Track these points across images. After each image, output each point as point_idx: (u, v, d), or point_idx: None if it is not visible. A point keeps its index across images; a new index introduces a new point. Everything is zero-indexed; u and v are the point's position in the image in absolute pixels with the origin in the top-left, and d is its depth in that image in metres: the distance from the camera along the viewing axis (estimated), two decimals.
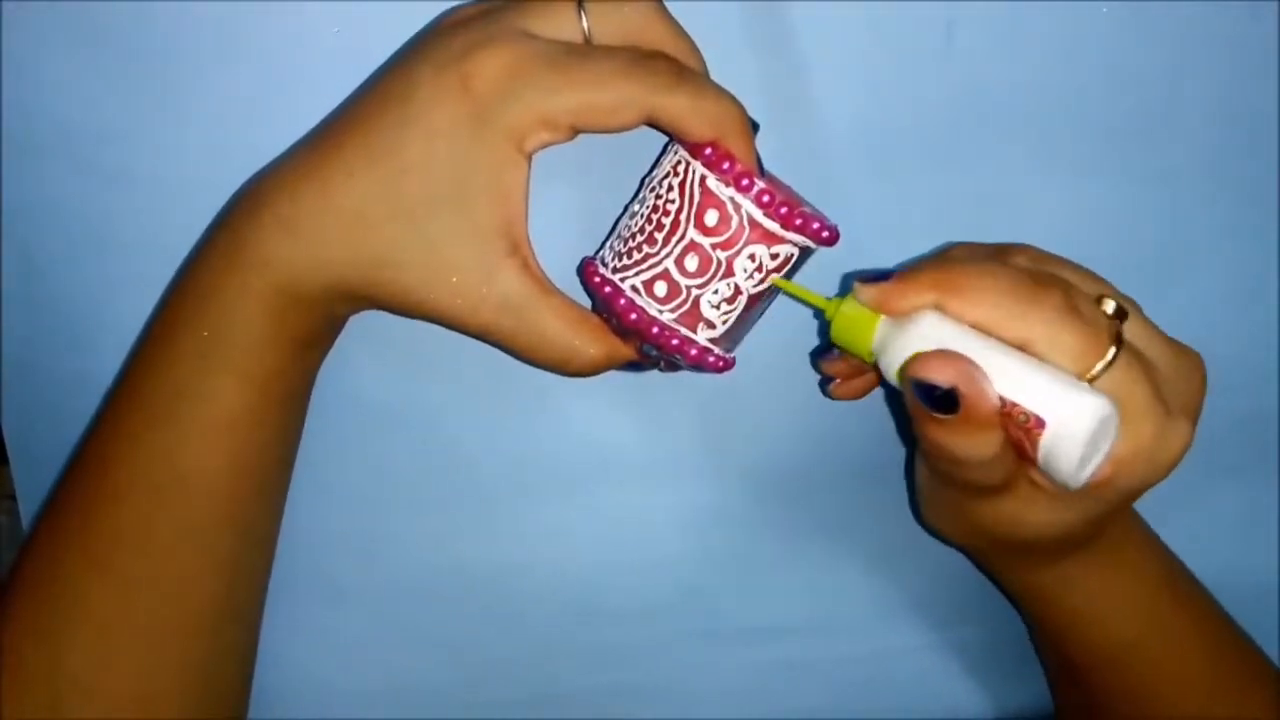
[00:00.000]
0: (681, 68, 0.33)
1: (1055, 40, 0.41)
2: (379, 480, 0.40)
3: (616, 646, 0.48)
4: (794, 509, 0.47)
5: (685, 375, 0.44)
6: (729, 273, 0.35)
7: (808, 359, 0.44)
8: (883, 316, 0.34)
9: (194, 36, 0.38)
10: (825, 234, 0.35)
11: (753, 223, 0.35)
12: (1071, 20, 0.40)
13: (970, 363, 0.31)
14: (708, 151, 0.34)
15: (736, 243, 0.35)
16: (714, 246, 0.35)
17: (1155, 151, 0.43)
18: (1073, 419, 0.31)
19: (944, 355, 0.31)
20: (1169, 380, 0.34)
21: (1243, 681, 0.42)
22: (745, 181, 0.34)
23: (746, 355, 0.43)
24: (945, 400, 0.31)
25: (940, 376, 0.31)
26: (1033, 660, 0.47)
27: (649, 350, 0.37)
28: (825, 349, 0.39)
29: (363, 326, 0.39)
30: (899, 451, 0.46)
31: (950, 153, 0.42)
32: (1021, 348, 0.32)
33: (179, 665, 0.37)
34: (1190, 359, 0.35)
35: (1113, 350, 0.32)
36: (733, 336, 0.37)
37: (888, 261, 0.42)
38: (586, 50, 0.33)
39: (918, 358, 0.32)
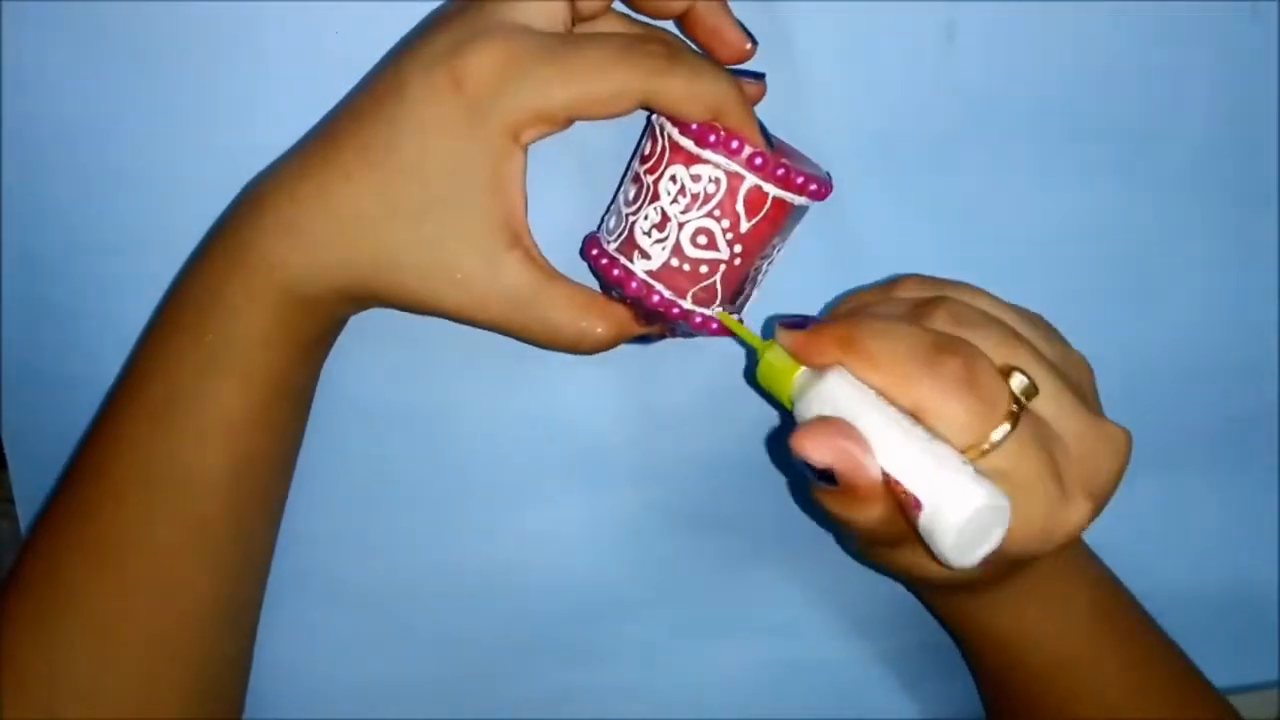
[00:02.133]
0: (675, 48, 0.33)
1: (1055, 40, 0.41)
2: (376, 479, 0.40)
3: (610, 646, 0.48)
4: (789, 510, 0.47)
5: (682, 371, 0.44)
6: (655, 196, 0.35)
7: None
8: (802, 367, 0.33)
9: (194, 36, 0.38)
10: (744, 151, 0.33)
11: (672, 144, 0.35)
12: (1071, 20, 0.40)
13: (849, 435, 0.31)
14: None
15: (660, 165, 0.35)
16: (646, 172, 0.35)
17: (1155, 152, 0.43)
18: (945, 505, 0.30)
19: (825, 431, 0.31)
20: (1077, 458, 0.33)
21: (1185, 713, 0.41)
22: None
23: (742, 356, 0.44)
24: (824, 475, 0.31)
25: (817, 456, 0.31)
26: None
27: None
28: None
29: (362, 326, 0.39)
30: None
31: (950, 153, 0.42)
32: (915, 415, 0.31)
33: (178, 666, 0.37)
34: (1110, 437, 0.34)
35: (1006, 427, 0.31)
36: (696, 280, 0.35)
37: (886, 264, 0.42)
38: (578, 39, 0.33)
39: (796, 433, 0.31)
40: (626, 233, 0.36)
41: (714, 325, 0.36)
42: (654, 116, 0.35)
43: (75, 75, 0.38)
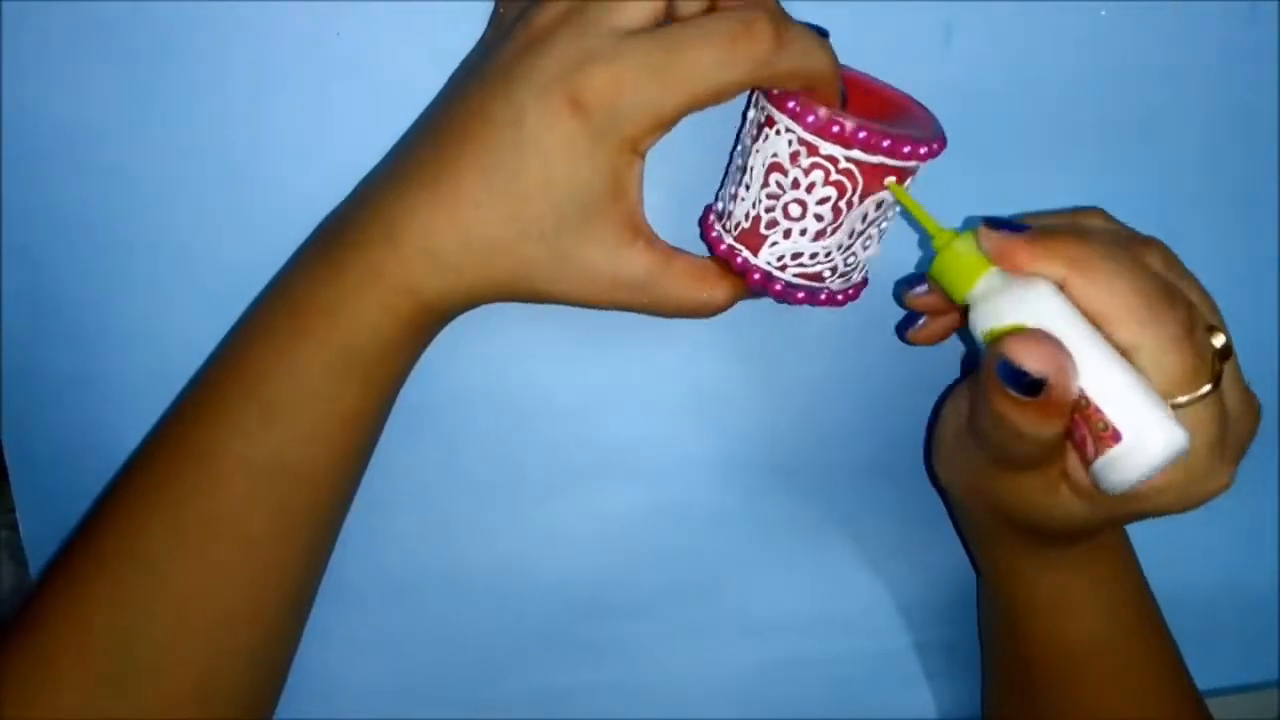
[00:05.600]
0: (778, 26, 0.33)
1: (1055, 41, 0.41)
2: (380, 478, 0.40)
3: (614, 643, 0.48)
4: (792, 506, 0.47)
5: (687, 370, 0.44)
6: (741, 154, 0.36)
7: (806, 358, 0.44)
8: (994, 267, 0.33)
9: (193, 36, 0.38)
10: (793, 106, 0.34)
11: (759, 107, 0.36)
12: (1071, 20, 0.41)
13: (1067, 355, 0.31)
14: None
15: (745, 126, 0.37)
16: (742, 136, 0.37)
17: (1155, 152, 0.43)
18: (1150, 445, 0.31)
19: (1044, 342, 0.31)
20: (1234, 428, 0.34)
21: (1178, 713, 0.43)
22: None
23: (745, 355, 0.44)
24: (1029, 385, 0.31)
25: (1037, 366, 0.31)
26: None
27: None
28: (913, 280, 0.39)
29: None
30: (896, 450, 0.46)
31: (949, 153, 0.42)
32: (1125, 352, 0.32)
33: (247, 649, 0.37)
34: (1253, 408, 0.35)
35: (1208, 387, 0.32)
36: (761, 239, 0.36)
37: (885, 262, 0.42)
38: (680, 39, 0.33)
39: (1017, 338, 0.31)
40: (722, 195, 0.37)
41: (721, 246, 0.37)
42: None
43: (75, 75, 0.38)
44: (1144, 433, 0.31)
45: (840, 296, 0.37)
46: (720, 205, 0.38)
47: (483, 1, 0.38)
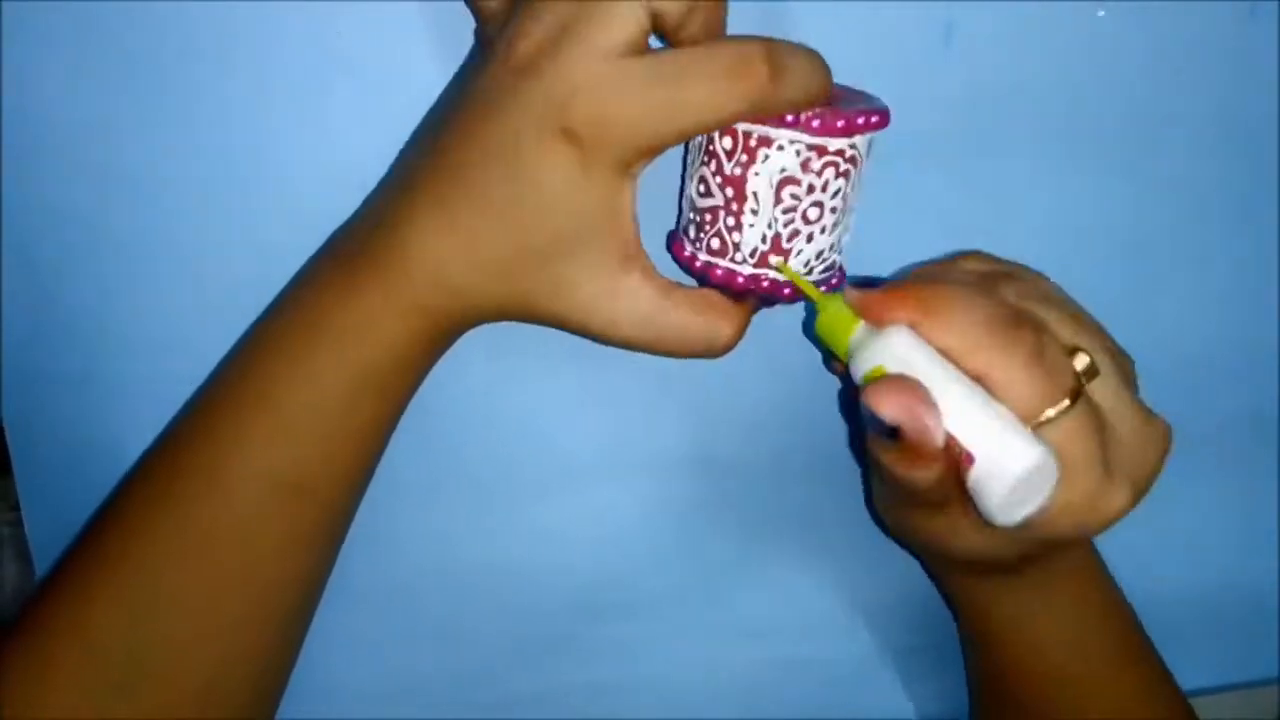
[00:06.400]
0: (774, 60, 0.33)
1: (1055, 41, 0.41)
2: (380, 478, 0.40)
3: (613, 643, 0.48)
4: (790, 508, 0.47)
5: (685, 369, 0.44)
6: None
7: (805, 358, 0.44)
8: (861, 322, 0.34)
9: (193, 36, 0.38)
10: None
11: None
12: (1071, 20, 0.40)
13: (922, 398, 0.31)
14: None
15: None
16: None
17: (1154, 152, 0.43)
18: (1000, 461, 0.31)
19: (898, 387, 0.32)
20: (1124, 445, 0.34)
21: None
22: None
23: (745, 355, 0.44)
24: (889, 430, 0.32)
25: (887, 411, 0.31)
26: None
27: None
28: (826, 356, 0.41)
29: None
30: None
31: (949, 154, 0.42)
32: (978, 381, 0.32)
33: (250, 655, 0.37)
34: (1155, 429, 0.35)
35: (1065, 403, 0.32)
36: (703, 230, 0.36)
37: (884, 262, 0.42)
38: (676, 71, 0.33)
39: (871, 386, 0.32)
40: (706, 237, 0.37)
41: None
42: None
43: (75, 75, 0.38)
44: (992, 451, 0.31)
45: (841, 270, 0.38)
46: (715, 243, 0.36)
47: None
